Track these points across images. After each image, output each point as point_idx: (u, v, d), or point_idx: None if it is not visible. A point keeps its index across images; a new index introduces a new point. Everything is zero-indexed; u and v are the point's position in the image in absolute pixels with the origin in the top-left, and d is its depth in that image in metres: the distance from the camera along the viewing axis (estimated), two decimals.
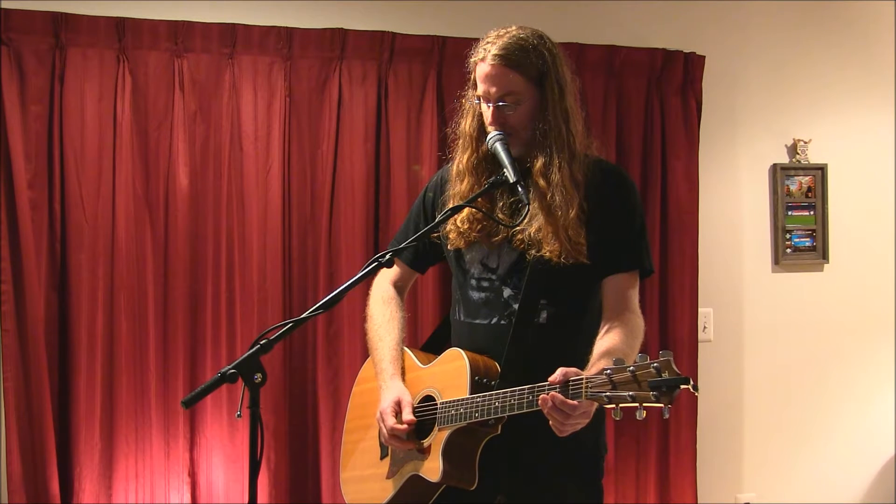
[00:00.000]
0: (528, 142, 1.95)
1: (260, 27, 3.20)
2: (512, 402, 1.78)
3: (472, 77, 1.99)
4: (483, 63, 1.92)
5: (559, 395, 1.66)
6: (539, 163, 1.91)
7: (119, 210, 3.08)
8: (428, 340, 2.30)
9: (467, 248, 2.04)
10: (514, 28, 1.94)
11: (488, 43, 1.93)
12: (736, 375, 3.82)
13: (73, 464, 3.04)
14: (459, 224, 2.01)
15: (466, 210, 1.97)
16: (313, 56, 3.25)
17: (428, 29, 3.37)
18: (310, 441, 3.27)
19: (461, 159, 2.04)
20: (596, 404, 1.66)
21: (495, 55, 1.89)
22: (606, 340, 1.88)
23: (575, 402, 1.65)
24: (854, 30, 3.92)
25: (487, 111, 1.95)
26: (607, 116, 3.53)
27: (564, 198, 1.88)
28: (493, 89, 1.91)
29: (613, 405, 1.58)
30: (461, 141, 2.05)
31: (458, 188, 2.02)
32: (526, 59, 1.90)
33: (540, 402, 1.69)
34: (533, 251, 1.92)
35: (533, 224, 1.91)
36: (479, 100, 1.96)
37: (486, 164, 2.00)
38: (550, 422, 1.70)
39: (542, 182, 1.90)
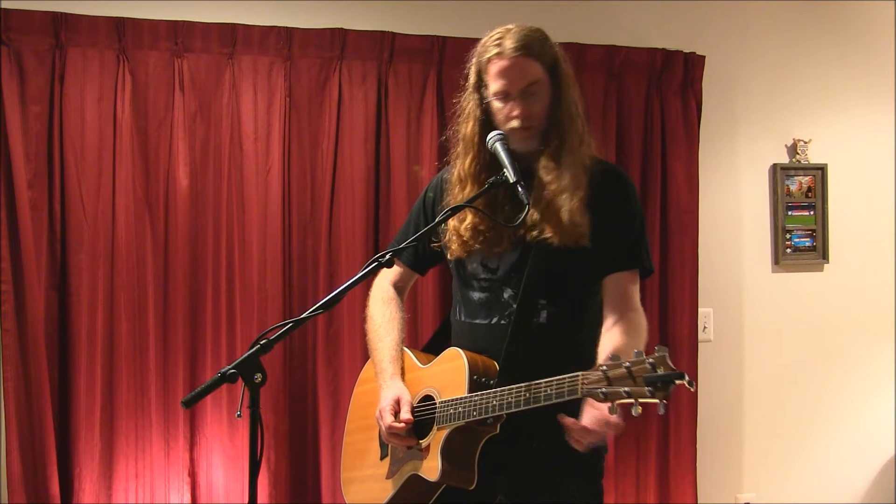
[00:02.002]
0: (542, 132, 1.95)
1: (260, 27, 3.20)
2: (509, 399, 1.78)
3: (476, 79, 1.97)
4: (500, 59, 1.91)
5: (578, 424, 1.73)
6: (552, 147, 1.93)
7: (119, 210, 3.08)
8: (429, 342, 2.29)
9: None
10: (513, 25, 1.95)
11: (499, 39, 1.92)
12: (736, 375, 3.82)
13: (73, 464, 3.04)
14: (463, 232, 1.99)
15: (470, 220, 1.96)
16: (313, 56, 3.25)
17: (428, 29, 3.37)
18: (310, 441, 3.27)
19: (463, 164, 2.02)
20: (614, 418, 1.66)
21: (515, 47, 1.89)
22: (612, 341, 1.87)
23: (593, 427, 1.71)
24: (854, 30, 3.92)
25: (504, 108, 1.93)
26: (607, 116, 3.53)
27: (573, 180, 1.90)
28: (518, 81, 1.90)
29: (609, 401, 1.59)
30: (462, 145, 2.03)
31: (459, 193, 2.00)
32: (542, 48, 1.92)
33: (564, 423, 1.74)
34: (535, 232, 1.91)
35: (539, 205, 1.91)
36: (488, 100, 1.95)
37: (490, 168, 1.97)
38: (570, 438, 1.74)
39: (552, 165, 1.91)
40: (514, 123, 1.92)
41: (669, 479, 3.62)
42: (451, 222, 2.01)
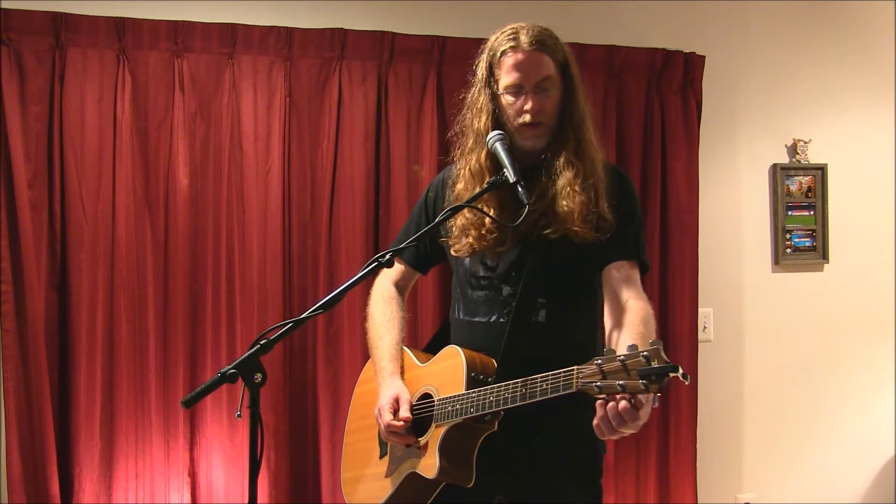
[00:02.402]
0: (552, 130, 1.95)
1: (260, 27, 3.20)
2: (505, 395, 1.78)
3: (487, 73, 1.97)
4: (514, 52, 1.91)
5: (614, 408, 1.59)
6: (571, 144, 1.93)
7: (119, 210, 3.08)
8: (430, 342, 2.29)
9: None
10: (526, 22, 1.96)
11: (514, 34, 1.93)
12: (736, 375, 3.82)
13: (73, 464, 3.04)
14: (481, 227, 1.97)
15: (488, 219, 1.95)
16: (313, 56, 3.25)
17: (428, 29, 3.37)
18: (310, 441, 3.27)
19: (479, 157, 1.99)
20: (648, 408, 1.59)
21: (531, 42, 1.91)
22: (631, 331, 1.84)
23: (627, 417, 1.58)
24: (854, 30, 3.92)
25: (517, 102, 1.93)
26: (607, 116, 3.53)
27: (597, 177, 1.92)
28: (532, 75, 1.91)
29: (604, 395, 1.58)
30: (474, 139, 2.01)
31: (479, 186, 1.97)
32: (555, 45, 1.94)
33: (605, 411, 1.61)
34: (549, 231, 1.90)
35: (562, 201, 1.90)
36: (503, 93, 1.94)
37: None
38: (598, 425, 1.63)
39: (575, 160, 1.92)
40: (526, 118, 1.92)
41: (669, 479, 3.62)
42: (461, 219, 2.00)
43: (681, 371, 1.49)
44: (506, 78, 1.93)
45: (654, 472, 3.62)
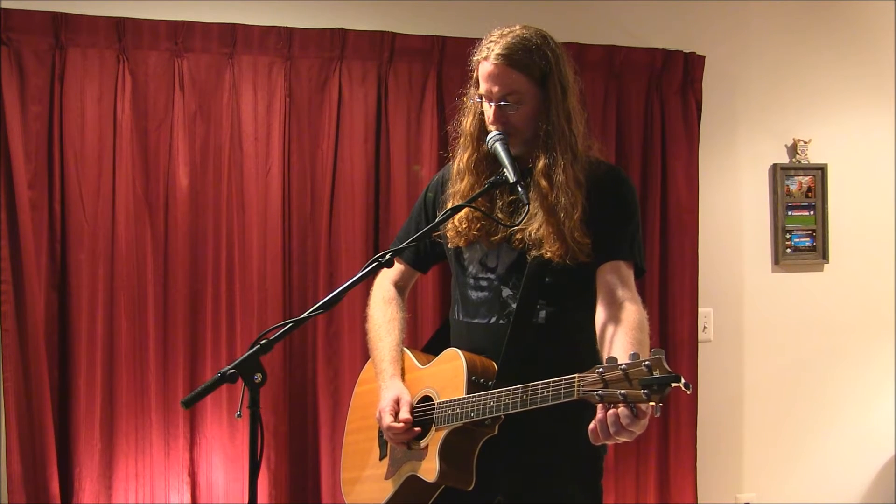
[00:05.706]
0: (529, 141, 1.95)
1: (260, 27, 3.20)
2: (506, 401, 1.78)
3: (475, 75, 1.99)
4: (486, 62, 1.92)
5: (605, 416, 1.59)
6: (541, 163, 1.91)
7: (119, 210, 3.07)
8: (429, 342, 2.29)
9: (467, 246, 2.04)
10: (517, 27, 1.94)
11: (491, 42, 1.93)
12: (736, 375, 3.82)
13: (73, 464, 3.04)
14: (458, 223, 2.01)
15: (465, 209, 1.97)
16: (313, 56, 3.25)
17: (428, 29, 3.37)
18: (310, 441, 3.27)
19: (461, 158, 2.04)
20: (646, 419, 1.57)
21: (498, 54, 1.89)
22: (620, 344, 1.81)
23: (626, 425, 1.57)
24: (854, 30, 3.92)
25: (489, 110, 1.94)
26: (607, 116, 3.53)
27: (568, 199, 1.88)
28: (496, 88, 1.91)
29: (605, 403, 1.58)
30: (462, 139, 2.06)
31: (458, 186, 2.03)
32: (529, 58, 1.90)
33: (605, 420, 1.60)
34: (533, 252, 1.91)
35: (533, 224, 1.91)
36: (481, 98, 1.97)
37: (486, 162, 2.00)
38: (594, 431, 1.62)
39: (543, 182, 1.90)
40: (492, 127, 1.94)
41: (669, 479, 3.62)
42: (459, 218, 2.01)
43: (683, 381, 1.48)
44: (481, 85, 1.95)
45: (654, 472, 3.62)
